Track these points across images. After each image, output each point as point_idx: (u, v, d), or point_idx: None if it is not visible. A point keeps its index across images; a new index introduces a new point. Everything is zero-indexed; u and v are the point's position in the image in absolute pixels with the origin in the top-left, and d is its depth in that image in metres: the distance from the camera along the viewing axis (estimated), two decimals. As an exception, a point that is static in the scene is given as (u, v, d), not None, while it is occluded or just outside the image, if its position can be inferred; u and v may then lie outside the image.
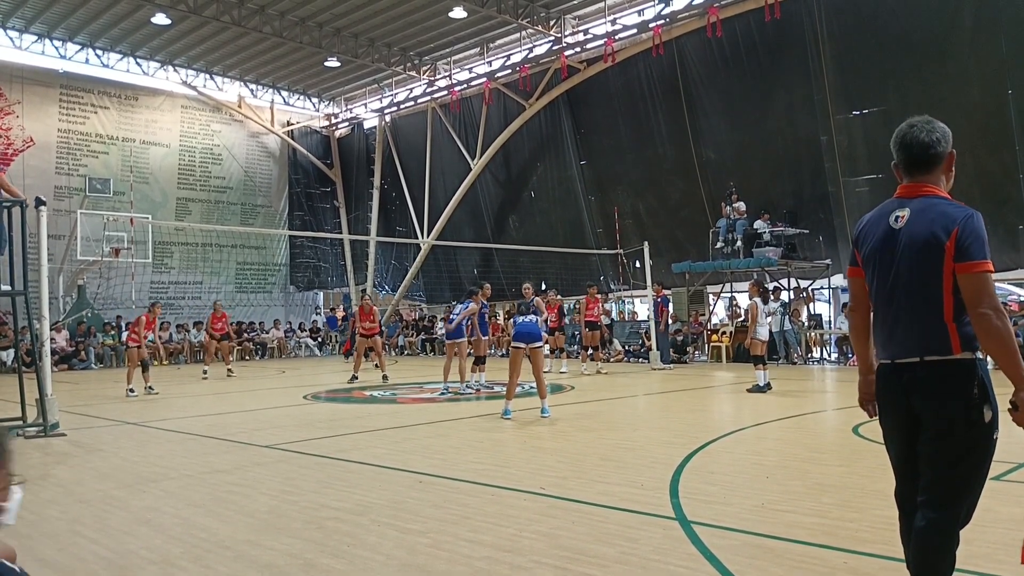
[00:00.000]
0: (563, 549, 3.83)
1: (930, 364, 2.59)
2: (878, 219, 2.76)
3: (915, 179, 2.72)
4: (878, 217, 2.76)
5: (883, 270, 2.69)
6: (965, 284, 2.51)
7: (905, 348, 2.65)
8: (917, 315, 2.61)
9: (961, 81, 15.77)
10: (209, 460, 6.62)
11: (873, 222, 2.78)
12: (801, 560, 3.60)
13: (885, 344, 2.72)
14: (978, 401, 2.53)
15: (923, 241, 2.58)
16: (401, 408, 10.66)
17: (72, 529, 4.45)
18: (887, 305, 2.69)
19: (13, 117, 22.57)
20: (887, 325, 2.71)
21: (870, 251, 2.74)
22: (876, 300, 2.75)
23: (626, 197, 21.84)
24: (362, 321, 15.00)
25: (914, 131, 2.72)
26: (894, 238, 2.66)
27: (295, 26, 22.28)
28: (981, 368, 2.58)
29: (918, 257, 2.59)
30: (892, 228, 2.68)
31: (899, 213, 2.68)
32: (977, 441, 2.56)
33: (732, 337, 18.00)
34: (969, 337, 2.54)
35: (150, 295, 24.99)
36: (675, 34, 19.81)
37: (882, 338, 2.74)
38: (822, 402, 10.90)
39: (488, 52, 24.75)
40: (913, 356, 2.62)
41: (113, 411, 10.51)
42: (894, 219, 2.68)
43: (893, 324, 2.68)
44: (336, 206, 30.23)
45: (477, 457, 6.51)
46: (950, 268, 2.53)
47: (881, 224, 2.72)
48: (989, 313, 2.45)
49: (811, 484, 5.20)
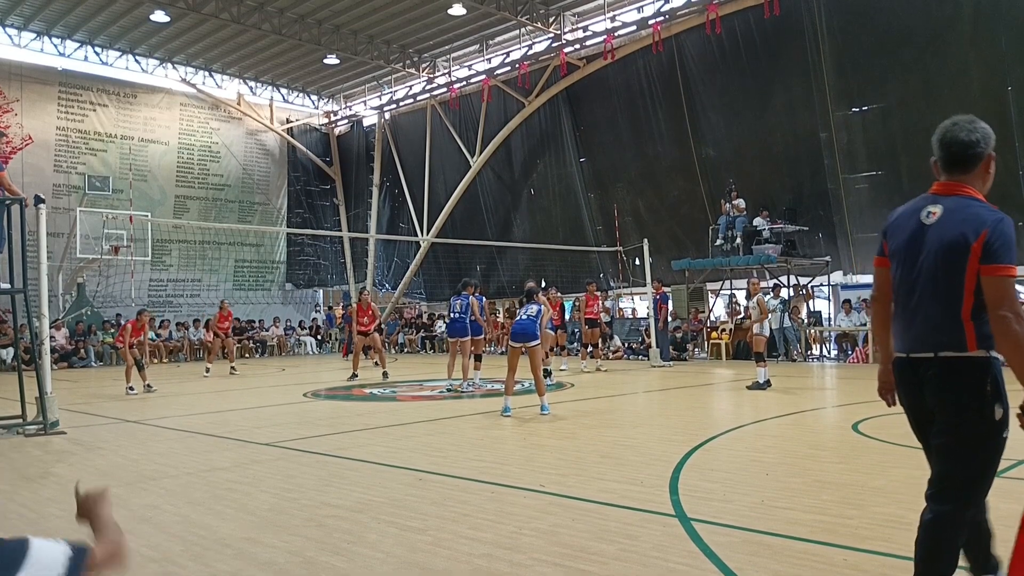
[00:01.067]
0: (563, 546, 3.84)
1: (944, 360, 2.63)
2: (910, 213, 2.80)
3: (952, 177, 2.76)
4: (910, 212, 2.81)
5: (908, 264, 2.74)
6: (988, 286, 2.55)
7: (921, 342, 2.70)
8: (936, 310, 2.66)
9: (961, 78, 15.76)
10: (209, 458, 6.62)
11: (904, 216, 2.83)
12: (801, 557, 3.60)
13: (902, 336, 2.78)
14: (990, 399, 2.57)
15: (951, 239, 2.62)
16: (401, 406, 10.67)
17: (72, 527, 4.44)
18: (907, 298, 2.75)
19: (11, 115, 22.54)
20: (906, 318, 2.76)
21: (898, 244, 2.79)
22: (898, 292, 2.80)
23: (626, 194, 21.84)
24: (359, 317, 14.97)
25: (956, 129, 2.75)
26: (923, 234, 2.71)
27: (294, 23, 22.25)
28: (995, 366, 2.61)
29: (944, 254, 2.63)
30: (923, 223, 2.72)
31: (931, 209, 2.73)
32: (987, 438, 2.59)
33: (732, 334, 18.02)
34: (985, 336, 2.58)
35: (149, 293, 25.05)
36: (674, 31, 19.79)
37: (899, 330, 2.79)
38: (822, 399, 10.90)
39: (487, 49, 24.72)
40: (928, 351, 2.67)
41: (113, 409, 10.51)
42: (926, 215, 2.73)
43: (911, 317, 2.73)
44: (335, 204, 30.22)
45: (477, 454, 6.51)
46: (974, 268, 2.57)
47: (912, 219, 2.77)
48: (1009, 316, 2.49)
49: (811, 481, 5.21)
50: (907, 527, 4.00)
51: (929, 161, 2.86)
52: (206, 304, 25.84)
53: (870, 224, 17.42)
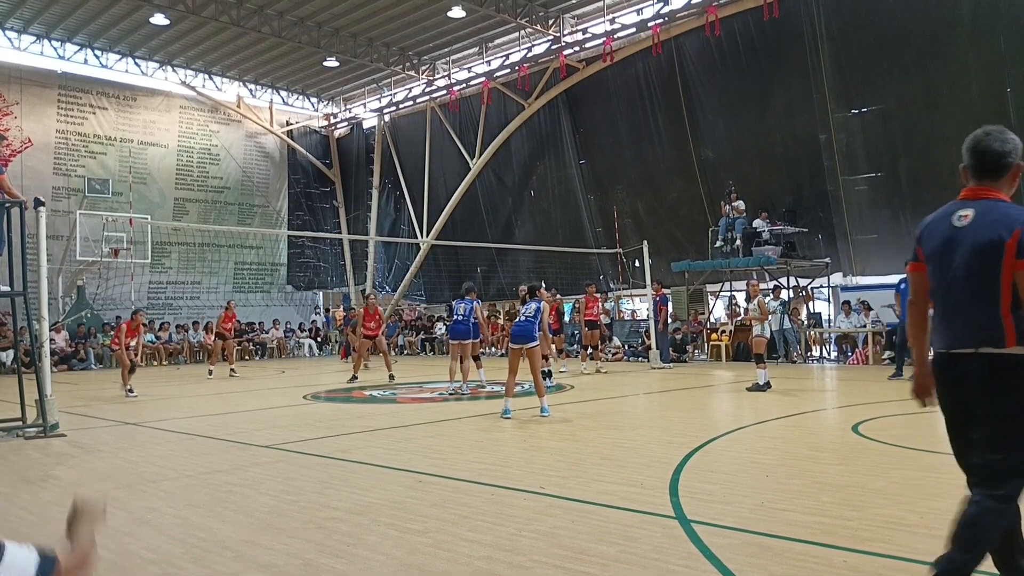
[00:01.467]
0: (563, 548, 3.83)
1: (984, 356, 2.75)
2: (941, 219, 2.94)
3: (982, 183, 2.90)
4: (941, 217, 2.95)
5: (944, 265, 2.87)
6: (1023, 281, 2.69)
7: (961, 339, 2.82)
8: (974, 308, 2.78)
9: (960, 79, 15.77)
10: (209, 460, 6.62)
11: (936, 222, 2.96)
12: (801, 559, 3.60)
13: (942, 334, 2.90)
14: None
15: (985, 239, 2.76)
16: (401, 408, 10.66)
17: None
18: (945, 297, 2.87)
19: (11, 118, 22.55)
20: (945, 317, 2.88)
21: (932, 248, 2.92)
22: (936, 293, 2.93)
23: (625, 196, 21.86)
24: (366, 322, 15.05)
25: (989, 139, 2.91)
26: (956, 236, 2.84)
27: (294, 26, 22.28)
28: None
29: (979, 253, 2.76)
30: (955, 226, 2.86)
31: (963, 213, 2.87)
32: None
33: (732, 336, 18.01)
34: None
35: (149, 296, 25.04)
36: (674, 33, 19.81)
37: (940, 328, 2.91)
38: (822, 401, 10.90)
39: (487, 52, 24.75)
40: (968, 347, 2.78)
41: (113, 412, 10.50)
42: (957, 218, 2.87)
43: (951, 316, 2.86)
44: (335, 206, 30.24)
45: (477, 456, 6.51)
46: (1009, 265, 2.70)
47: (944, 223, 2.91)
48: None
49: (811, 483, 5.20)
50: (907, 529, 4.01)
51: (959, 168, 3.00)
52: (206, 307, 25.86)
53: (869, 226, 17.44)
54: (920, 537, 3.85)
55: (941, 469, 5.51)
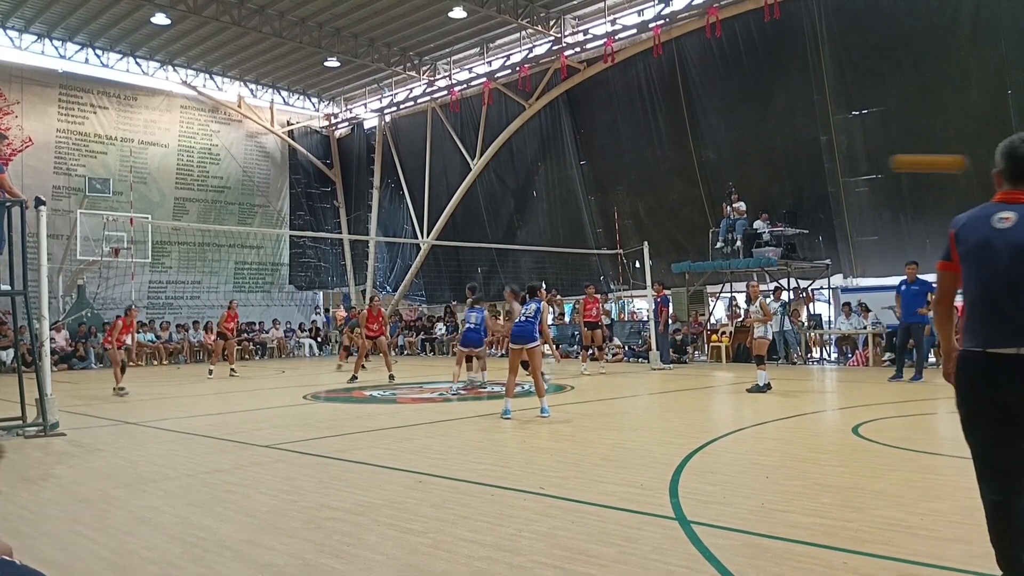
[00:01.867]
0: (562, 549, 3.83)
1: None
2: (979, 220, 2.97)
3: (1017, 187, 2.97)
4: (979, 218, 2.98)
5: (985, 265, 2.90)
6: None
7: (1000, 339, 2.83)
8: (1015, 309, 2.81)
9: (960, 81, 15.79)
10: (209, 460, 6.62)
11: (973, 223, 3.00)
12: (801, 560, 3.60)
13: (977, 333, 2.91)
14: None
15: None
16: (401, 408, 10.66)
17: (72, 529, 4.45)
18: (985, 297, 2.90)
19: (12, 117, 22.56)
20: (984, 316, 2.90)
21: (971, 248, 2.96)
22: (975, 293, 2.95)
23: (626, 197, 21.86)
24: (369, 323, 15.12)
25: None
26: (998, 237, 2.88)
27: (295, 26, 22.29)
28: None
29: (1022, 256, 2.81)
30: (996, 228, 2.90)
31: (1004, 215, 2.92)
32: None
33: (732, 337, 18.01)
34: None
35: (149, 295, 25.05)
36: (675, 34, 19.83)
37: (976, 328, 2.93)
38: (822, 402, 10.89)
39: (488, 52, 24.76)
40: (1011, 347, 2.80)
41: (113, 411, 10.50)
42: (998, 220, 2.91)
43: (988, 315, 2.88)
44: (336, 206, 30.24)
45: (477, 457, 6.51)
46: None
47: (983, 224, 2.95)
48: None
49: (811, 484, 5.20)
50: (907, 530, 4.01)
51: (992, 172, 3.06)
52: (206, 306, 25.87)
53: (870, 227, 17.45)
54: (920, 539, 3.85)
55: (941, 471, 5.51)
